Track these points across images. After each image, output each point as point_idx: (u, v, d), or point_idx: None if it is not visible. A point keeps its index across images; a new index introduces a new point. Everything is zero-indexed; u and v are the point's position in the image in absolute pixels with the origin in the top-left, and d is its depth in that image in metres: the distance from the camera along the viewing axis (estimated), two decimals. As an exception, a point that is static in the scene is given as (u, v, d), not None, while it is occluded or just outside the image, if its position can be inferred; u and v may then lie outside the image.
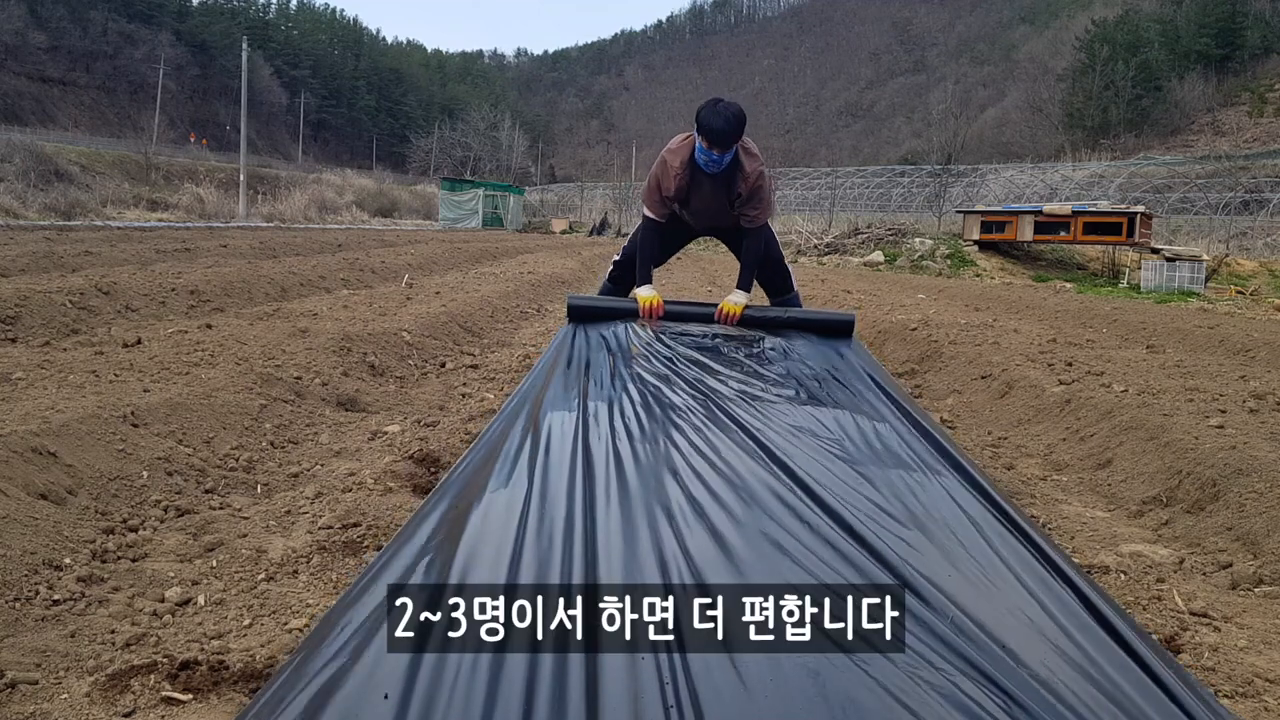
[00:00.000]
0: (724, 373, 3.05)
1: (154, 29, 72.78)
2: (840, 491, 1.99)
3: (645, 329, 3.62)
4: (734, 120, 3.62)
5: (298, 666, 1.28)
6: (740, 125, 3.65)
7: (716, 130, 3.61)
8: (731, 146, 3.70)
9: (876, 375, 3.24)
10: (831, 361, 3.36)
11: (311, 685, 1.20)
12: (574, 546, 1.61)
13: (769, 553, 1.66)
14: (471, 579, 1.48)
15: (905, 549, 1.71)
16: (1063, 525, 3.38)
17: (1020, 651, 1.37)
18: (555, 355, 3.26)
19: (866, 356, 3.57)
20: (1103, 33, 63.28)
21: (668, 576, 1.51)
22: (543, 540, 1.64)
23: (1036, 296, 13.28)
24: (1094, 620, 1.53)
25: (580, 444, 2.21)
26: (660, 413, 2.53)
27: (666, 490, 1.94)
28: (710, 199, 3.95)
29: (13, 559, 2.30)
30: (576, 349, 3.33)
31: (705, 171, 3.82)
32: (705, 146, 3.69)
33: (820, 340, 3.65)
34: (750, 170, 3.84)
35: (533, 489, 1.90)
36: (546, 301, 10.44)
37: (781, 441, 2.30)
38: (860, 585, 1.53)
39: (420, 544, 1.64)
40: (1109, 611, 1.57)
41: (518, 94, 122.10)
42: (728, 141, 3.66)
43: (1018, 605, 1.57)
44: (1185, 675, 1.44)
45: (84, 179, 31.06)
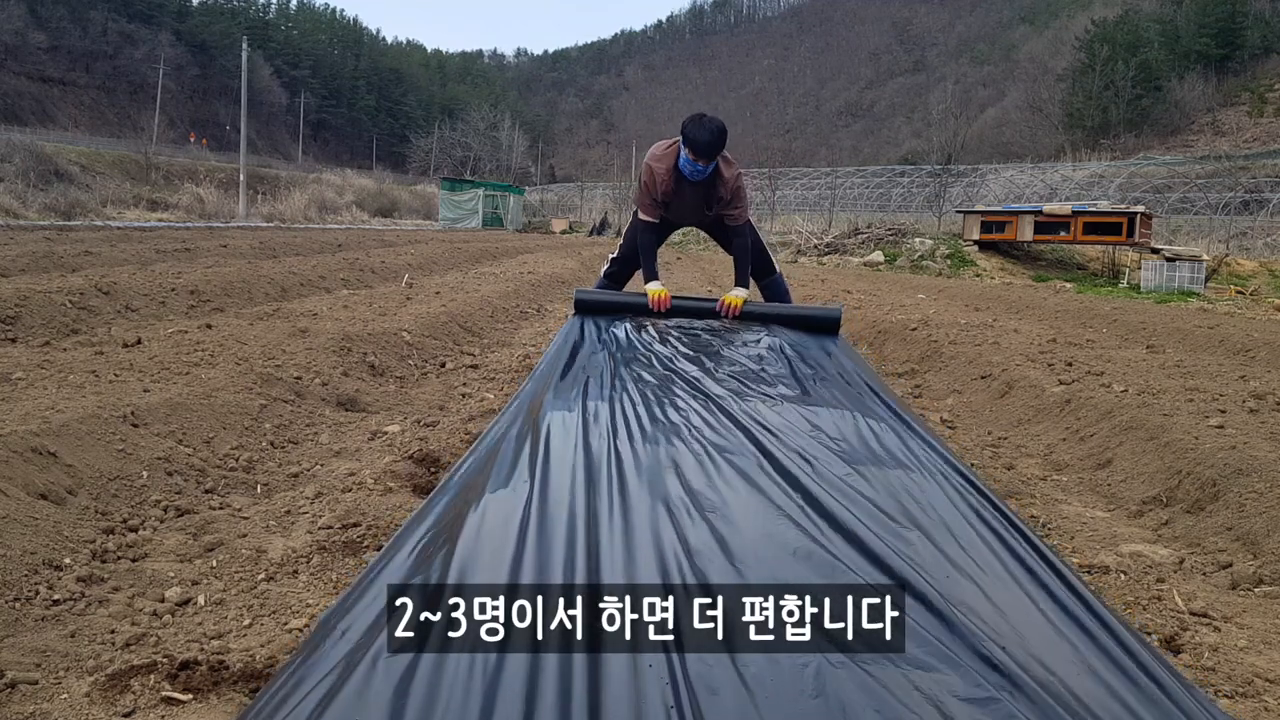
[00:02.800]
0: (722, 372, 3.11)
1: (154, 29, 72.75)
2: (838, 491, 1.99)
3: (646, 329, 3.69)
4: (717, 134, 4.01)
5: (298, 667, 1.28)
6: (722, 139, 4.04)
7: (702, 143, 4.00)
8: (714, 158, 4.12)
9: (864, 373, 3.36)
10: (823, 361, 3.49)
11: (312, 686, 1.20)
12: (576, 546, 1.61)
13: (769, 553, 1.66)
14: (472, 579, 1.48)
15: (904, 548, 1.71)
16: (1063, 525, 3.38)
17: (1019, 653, 1.37)
18: (558, 353, 3.33)
19: (853, 353, 3.76)
20: (1103, 33, 63.25)
21: (668, 577, 1.51)
22: (543, 540, 1.64)
23: (1036, 296, 13.28)
24: (1090, 620, 1.53)
25: (581, 444, 2.22)
26: (660, 413, 2.54)
27: (667, 490, 1.94)
28: (689, 201, 4.36)
29: (13, 559, 2.30)
30: (580, 347, 3.42)
31: (689, 179, 4.21)
32: (691, 158, 4.07)
33: (811, 337, 3.85)
34: (729, 176, 4.26)
35: (534, 489, 1.91)
36: (547, 301, 10.44)
37: (780, 441, 2.32)
38: (859, 585, 1.53)
39: (421, 544, 1.64)
40: (1103, 611, 1.57)
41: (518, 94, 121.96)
42: (711, 153, 4.07)
43: (1015, 605, 1.57)
44: (1181, 677, 1.44)
45: (84, 179, 31.06)
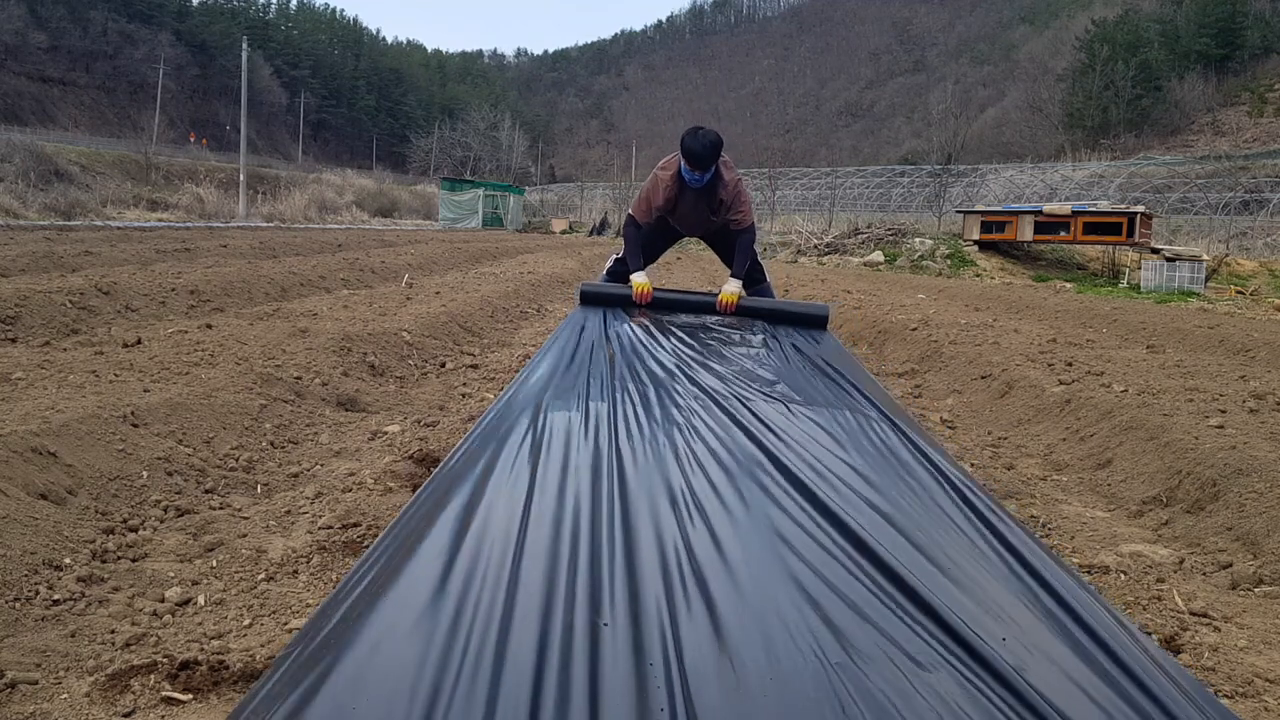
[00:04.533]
0: (720, 371, 3.16)
1: (154, 29, 72.77)
2: (836, 491, 2.00)
3: (647, 327, 3.76)
4: (711, 146, 4.31)
5: (290, 664, 1.27)
6: (717, 150, 4.34)
7: (697, 154, 4.31)
8: (710, 167, 4.40)
9: (849, 370, 3.45)
10: (816, 359, 3.58)
11: (303, 683, 1.19)
12: (579, 546, 1.61)
13: (769, 553, 1.66)
14: (471, 575, 1.48)
15: (903, 548, 1.71)
16: (1063, 525, 3.38)
17: (1017, 653, 1.37)
18: (562, 347, 3.40)
19: (842, 351, 3.97)
20: (1103, 32, 63.29)
21: (668, 576, 1.51)
22: (542, 538, 1.64)
23: (1036, 296, 13.28)
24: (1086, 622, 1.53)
25: (582, 442, 2.22)
26: (659, 412, 2.55)
27: (671, 488, 1.94)
28: (693, 207, 4.67)
29: (13, 559, 2.30)
30: (581, 343, 3.48)
31: (690, 186, 4.52)
32: (689, 168, 4.39)
33: (803, 337, 4.02)
34: (729, 180, 4.56)
35: (534, 485, 1.91)
36: (547, 301, 10.44)
37: (779, 441, 2.33)
38: (860, 585, 1.53)
39: (414, 540, 1.64)
40: (1103, 613, 1.58)
41: (518, 94, 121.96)
42: (706, 164, 4.37)
43: (1011, 606, 1.57)
44: (1178, 673, 1.44)
45: (84, 179, 31.04)
